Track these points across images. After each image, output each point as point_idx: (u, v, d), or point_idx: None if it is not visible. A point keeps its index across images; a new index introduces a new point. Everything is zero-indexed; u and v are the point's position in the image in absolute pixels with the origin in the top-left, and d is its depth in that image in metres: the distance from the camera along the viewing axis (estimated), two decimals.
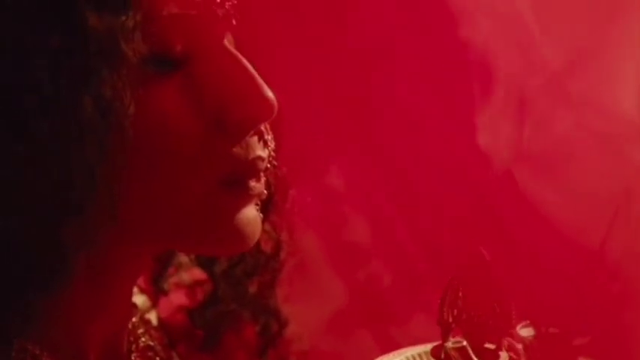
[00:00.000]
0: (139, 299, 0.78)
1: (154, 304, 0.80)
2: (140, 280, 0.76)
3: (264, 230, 0.68)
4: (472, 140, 1.34)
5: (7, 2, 0.52)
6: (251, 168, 0.61)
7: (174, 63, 0.59)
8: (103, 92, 0.53)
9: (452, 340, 0.63)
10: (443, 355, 0.63)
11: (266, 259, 0.75)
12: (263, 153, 0.61)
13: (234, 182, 0.60)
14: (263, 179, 0.62)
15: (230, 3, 0.61)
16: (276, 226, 0.75)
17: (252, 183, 0.61)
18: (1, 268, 0.54)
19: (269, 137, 0.63)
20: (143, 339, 0.69)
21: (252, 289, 0.76)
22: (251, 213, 0.62)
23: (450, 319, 0.61)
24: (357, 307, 1.30)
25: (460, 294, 0.61)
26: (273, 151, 0.64)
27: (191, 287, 0.81)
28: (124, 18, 0.54)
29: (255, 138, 0.61)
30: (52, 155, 0.52)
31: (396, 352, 0.69)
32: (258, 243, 0.64)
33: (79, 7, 0.53)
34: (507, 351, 0.63)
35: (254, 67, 0.61)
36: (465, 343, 0.61)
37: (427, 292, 1.31)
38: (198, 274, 0.81)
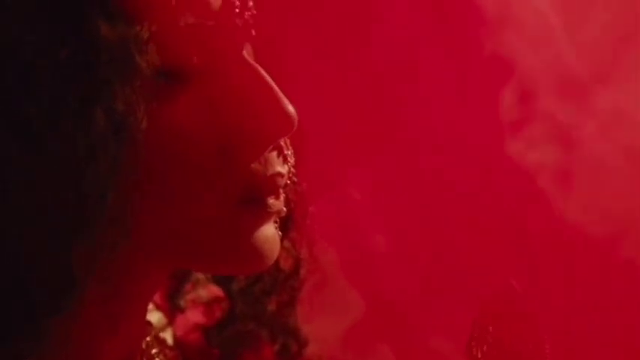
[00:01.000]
0: (155, 317, 0.76)
1: (170, 321, 0.78)
2: (156, 296, 0.75)
3: (283, 247, 0.66)
4: (497, 154, 1.32)
5: (16, 11, 0.50)
6: (270, 185, 0.59)
7: (191, 75, 0.57)
8: (115, 106, 0.51)
9: None
10: None
11: (285, 277, 0.73)
12: (282, 169, 0.59)
13: (253, 200, 0.58)
14: (282, 196, 0.60)
15: (249, 13, 0.59)
16: (296, 243, 0.73)
17: (271, 200, 0.59)
18: (10, 289, 0.52)
19: (289, 152, 0.61)
20: (157, 359, 0.67)
21: (271, 307, 0.74)
22: (269, 231, 0.60)
23: (479, 355, 0.58)
24: (376, 322, 1.28)
25: (490, 329, 0.58)
26: (293, 166, 0.61)
27: (209, 304, 0.79)
28: (137, 28, 0.52)
29: (275, 153, 0.59)
30: (62, 172, 0.51)
31: None
32: (277, 261, 0.62)
33: (91, 17, 0.51)
34: None
35: (273, 79, 0.59)
36: None
37: (448, 306, 1.30)
38: (216, 290, 0.79)
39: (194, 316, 0.78)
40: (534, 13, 1.27)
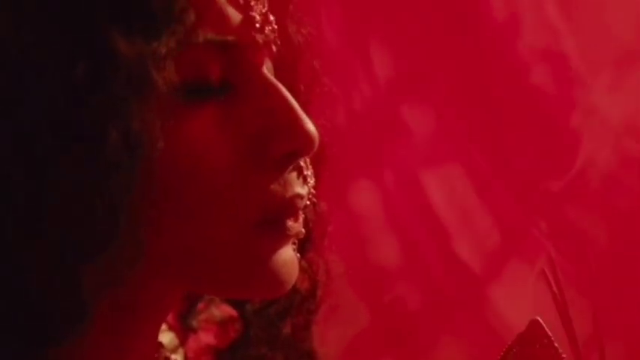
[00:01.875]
0: (166, 337, 0.74)
1: (182, 342, 0.76)
2: (168, 316, 0.73)
3: (300, 269, 0.64)
4: (505, 160, 1.32)
5: (30, 25, 0.48)
6: (289, 206, 0.57)
7: (209, 92, 0.55)
8: (131, 125, 0.49)
9: None
10: None
11: (301, 299, 0.71)
12: (302, 190, 0.57)
13: (271, 222, 0.56)
14: (301, 217, 0.58)
15: (270, 28, 0.57)
16: (313, 264, 0.70)
17: (290, 222, 0.57)
18: (18, 311, 0.50)
19: (309, 173, 0.59)
20: None
21: (286, 330, 0.72)
22: (288, 254, 0.58)
23: None
24: (382, 332, 1.28)
25: None
26: (313, 187, 0.59)
27: (222, 325, 0.76)
28: (155, 44, 0.50)
29: (294, 174, 0.57)
30: (73, 192, 0.49)
31: None
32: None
33: (107, 32, 0.49)
34: None
35: (295, 96, 0.57)
36: None
37: (454, 316, 1.30)
38: (229, 310, 0.77)
39: (206, 338, 0.76)
40: (549, 35, 1.27)
